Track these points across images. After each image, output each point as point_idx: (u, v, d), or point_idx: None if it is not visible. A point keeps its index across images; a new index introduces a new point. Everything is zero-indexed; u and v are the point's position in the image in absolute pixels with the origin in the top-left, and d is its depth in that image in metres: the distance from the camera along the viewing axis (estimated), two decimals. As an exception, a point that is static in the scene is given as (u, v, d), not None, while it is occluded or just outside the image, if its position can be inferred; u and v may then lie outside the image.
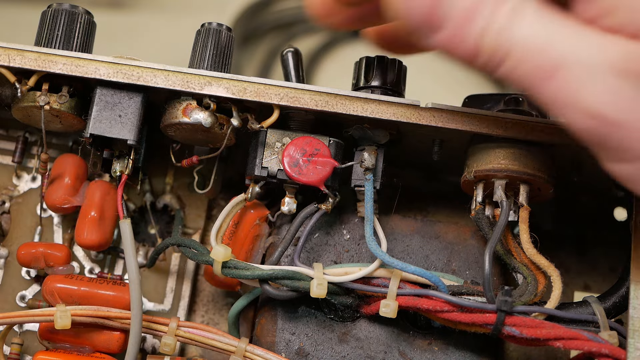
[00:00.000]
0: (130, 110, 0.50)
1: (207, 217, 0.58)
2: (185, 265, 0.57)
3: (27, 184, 0.57)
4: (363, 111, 0.49)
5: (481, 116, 0.49)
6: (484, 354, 0.51)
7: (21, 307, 0.55)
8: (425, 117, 0.49)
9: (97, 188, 0.53)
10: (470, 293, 0.49)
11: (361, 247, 0.52)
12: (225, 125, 0.50)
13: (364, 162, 0.50)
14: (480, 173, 0.50)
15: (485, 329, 0.48)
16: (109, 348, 0.50)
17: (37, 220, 0.56)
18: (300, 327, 0.51)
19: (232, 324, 0.52)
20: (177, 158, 0.53)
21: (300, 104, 0.49)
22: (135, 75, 0.49)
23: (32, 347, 0.54)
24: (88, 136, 0.50)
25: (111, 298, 0.50)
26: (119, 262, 0.57)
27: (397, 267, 0.48)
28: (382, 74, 0.52)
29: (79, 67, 0.49)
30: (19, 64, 0.49)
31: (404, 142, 0.52)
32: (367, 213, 0.50)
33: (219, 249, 0.49)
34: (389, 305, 0.48)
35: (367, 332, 0.51)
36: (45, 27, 0.51)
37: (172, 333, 0.49)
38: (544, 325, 0.47)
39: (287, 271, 0.49)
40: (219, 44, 0.52)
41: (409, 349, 0.51)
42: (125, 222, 0.49)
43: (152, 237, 0.57)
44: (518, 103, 0.52)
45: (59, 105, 0.50)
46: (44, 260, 0.52)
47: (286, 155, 0.50)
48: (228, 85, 0.49)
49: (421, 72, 0.86)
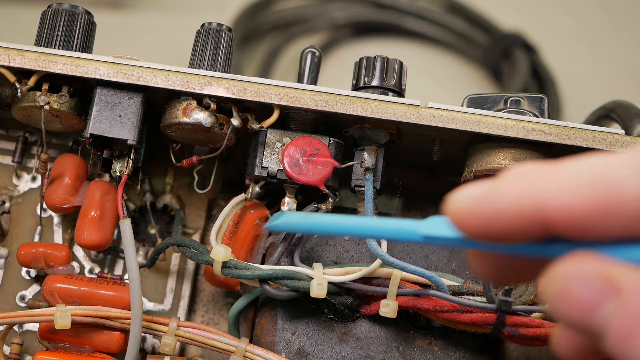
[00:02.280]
0: (130, 110, 0.50)
1: (207, 217, 0.58)
2: (185, 265, 0.57)
3: (27, 184, 0.57)
4: (363, 111, 0.49)
5: (481, 116, 0.49)
6: (484, 354, 0.51)
7: (21, 307, 0.55)
8: (425, 117, 0.49)
9: (97, 188, 0.53)
10: (470, 293, 0.49)
11: (361, 247, 0.52)
12: (225, 125, 0.50)
13: (364, 162, 0.50)
14: (480, 173, 0.50)
15: (485, 329, 0.48)
16: (109, 348, 0.50)
17: (37, 220, 0.56)
18: (300, 327, 0.51)
19: (232, 324, 0.52)
20: (177, 158, 0.53)
21: (300, 104, 0.49)
22: (135, 75, 0.49)
23: (32, 347, 0.54)
24: (88, 136, 0.50)
25: (111, 298, 0.50)
26: (119, 262, 0.57)
27: (397, 267, 0.48)
28: (382, 74, 0.52)
29: (79, 67, 0.49)
30: (19, 64, 0.49)
31: (404, 142, 0.52)
32: (367, 213, 0.50)
33: (219, 249, 0.49)
34: (389, 305, 0.48)
35: (367, 332, 0.51)
36: (45, 27, 0.51)
37: (172, 333, 0.49)
38: (544, 325, 0.47)
39: (287, 271, 0.49)
40: (219, 44, 0.52)
41: (409, 349, 0.51)
42: (125, 222, 0.49)
43: (152, 237, 0.57)
44: (518, 103, 0.52)
45: (59, 105, 0.50)
46: (44, 260, 0.52)
47: (286, 155, 0.50)
48: (228, 85, 0.49)
49: (421, 72, 0.87)
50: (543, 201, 0.29)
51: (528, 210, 0.29)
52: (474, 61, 0.90)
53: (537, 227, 0.30)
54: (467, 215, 0.31)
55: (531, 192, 0.30)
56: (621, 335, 0.28)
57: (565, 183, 0.29)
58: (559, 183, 0.29)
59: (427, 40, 0.91)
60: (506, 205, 0.30)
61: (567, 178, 0.29)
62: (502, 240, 0.31)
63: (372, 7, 0.91)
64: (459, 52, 0.90)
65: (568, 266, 0.30)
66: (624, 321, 0.28)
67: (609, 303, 0.28)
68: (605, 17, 0.93)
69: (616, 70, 0.90)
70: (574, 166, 0.30)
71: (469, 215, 0.31)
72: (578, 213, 0.29)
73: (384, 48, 0.89)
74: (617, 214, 0.28)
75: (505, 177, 0.30)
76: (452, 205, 0.31)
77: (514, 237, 0.30)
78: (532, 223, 0.30)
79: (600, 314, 0.29)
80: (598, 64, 0.90)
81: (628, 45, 0.92)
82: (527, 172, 0.30)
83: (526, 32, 0.87)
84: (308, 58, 0.54)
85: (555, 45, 0.90)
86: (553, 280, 0.30)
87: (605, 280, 0.29)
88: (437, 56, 0.91)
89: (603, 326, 0.29)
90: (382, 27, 0.91)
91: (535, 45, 0.87)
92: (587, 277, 0.29)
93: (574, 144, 0.49)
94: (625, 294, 0.28)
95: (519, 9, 0.93)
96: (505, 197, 0.30)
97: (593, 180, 0.29)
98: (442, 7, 0.93)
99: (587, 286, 0.29)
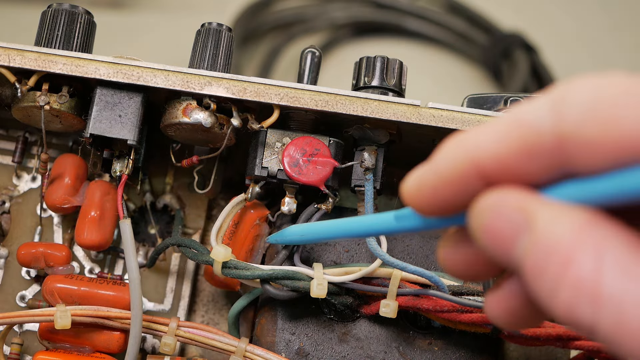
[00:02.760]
0: (130, 110, 0.50)
1: (207, 217, 0.58)
2: (185, 265, 0.57)
3: (27, 184, 0.57)
4: (363, 111, 0.49)
5: (481, 116, 0.49)
6: (484, 354, 0.51)
7: (21, 307, 0.55)
8: (425, 117, 0.49)
9: (97, 188, 0.53)
10: (470, 293, 0.49)
11: (361, 247, 0.52)
12: (225, 125, 0.50)
13: (364, 162, 0.50)
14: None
15: (485, 329, 0.48)
16: (109, 348, 0.50)
17: (37, 220, 0.56)
18: (300, 327, 0.51)
19: (232, 324, 0.52)
20: (177, 158, 0.53)
21: (300, 104, 0.49)
22: (135, 75, 0.49)
23: (32, 347, 0.54)
24: (88, 136, 0.50)
25: (111, 298, 0.50)
26: (119, 262, 0.57)
27: (397, 267, 0.48)
28: (382, 74, 0.52)
29: (79, 67, 0.49)
30: (19, 64, 0.49)
31: (404, 142, 0.52)
32: (367, 213, 0.50)
33: (219, 249, 0.49)
34: (389, 305, 0.48)
35: (367, 332, 0.51)
36: (45, 27, 0.51)
37: (172, 333, 0.49)
38: (544, 325, 0.47)
39: (287, 271, 0.49)
40: (219, 44, 0.52)
41: (409, 349, 0.51)
42: (125, 222, 0.49)
43: (152, 237, 0.57)
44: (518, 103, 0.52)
45: (59, 105, 0.50)
46: (44, 260, 0.52)
47: (286, 155, 0.50)
48: (228, 85, 0.49)
49: (421, 72, 0.87)
50: (474, 155, 0.30)
51: (464, 167, 0.30)
52: (474, 61, 0.90)
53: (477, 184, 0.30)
54: (415, 192, 0.32)
55: (463, 150, 0.30)
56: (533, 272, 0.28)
57: (490, 132, 0.30)
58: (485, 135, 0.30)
59: (427, 40, 0.91)
60: (444, 169, 0.31)
61: (490, 128, 0.30)
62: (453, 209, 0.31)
63: (372, 7, 0.91)
64: (459, 52, 0.90)
65: (489, 198, 0.30)
66: (535, 257, 0.28)
67: (524, 237, 0.28)
68: (605, 17, 0.93)
69: (616, 70, 0.90)
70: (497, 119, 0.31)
71: (417, 192, 0.32)
72: (506, 158, 0.29)
73: (384, 48, 0.89)
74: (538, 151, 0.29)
75: (441, 148, 0.31)
76: (404, 188, 0.32)
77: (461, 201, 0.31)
78: (471, 180, 0.30)
79: (517, 248, 0.28)
80: (598, 64, 0.90)
81: (628, 45, 0.92)
82: (457, 137, 0.31)
83: (526, 32, 0.87)
84: (308, 58, 0.54)
85: (555, 45, 0.90)
86: (476, 214, 0.30)
87: (520, 212, 0.29)
88: (437, 56, 0.91)
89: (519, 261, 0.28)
90: (382, 27, 0.91)
91: (535, 45, 0.87)
92: (504, 209, 0.29)
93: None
94: (537, 229, 0.28)
95: (519, 9, 0.93)
96: (442, 162, 0.31)
97: (511, 123, 0.29)
98: (442, 7, 0.93)
99: (504, 218, 0.29)
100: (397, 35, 0.91)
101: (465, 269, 0.33)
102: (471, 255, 0.33)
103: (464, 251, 0.33)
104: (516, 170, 0.29)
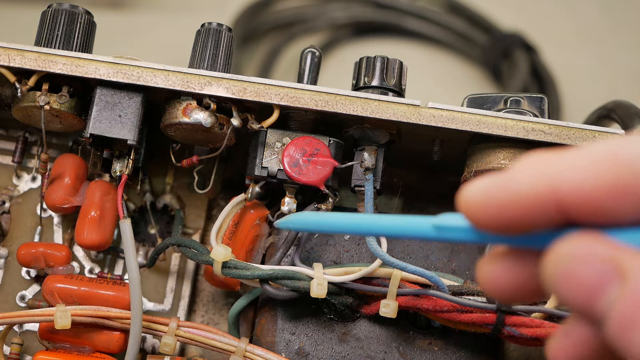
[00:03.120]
0: (130, 110, 0.50)
1: (207, 217, 0.58)
2: (185, 265, 0.57)
3: (27, 184, 0.57)
4: (363, 111, 0.49)
5: (481, 116, 0.49)
6: (484, 354, 0.51)
7: (21, 307, 0.55)
8: (425, 117, 0.49)
9: (97, 188, 0.53)
10: (470, 293, 0.49)
11: (361, 247, 0.52)
12: (225, 125, 0.50)
13: (364, 162, 0.50)
14: (480, 173, 0.50)
15: (485, 329, 0.48)
16: (109, 348, 0.50)
17: (37, 220, 0.56)
18: (300, 327, 0.51)
19: (232, 324, 0.52)
20: (177, 158, 0.53)
21: (300, 104, 0.49)
22: (135, 75, 0.49)
23: (32, 347, 0.54)
24: (88, 136, 0.50)
25: (111, 298, 0.50)
26: (119, 262, 0.57)
27: (397, 267, 0.48)
28: (382, 74, 0.52)
29: (79, 67, 0.49)
30: (19, 64, 0.49)
31: (404, 142, 0.52)
32: (367, 213, 0.50)
33: (219, 249, 0.49)
34: (389, 305, 0.48)
35: (367, 332, 0.51)
36: (45, 27, 0.51)
37: (172, 333, 0.49)
38: (544, 325, 0.47)
39: (287, 271, 0.49)
40: (219, 44, 0.52)
41: (409, 349, 0.51)
42: (125, 222, 0.49)
43: (152, 237, 0.57)
44: (518, 103, 0.52)
45: (59, 105, 0.50)
46: (44, 260, 0.52)
47: (286, 155, 0.50)
48: (228, 85, 0.49)
49: (421, 72, 0.87)
50: (556, 183, 0.28)
51: (541, 193, 0.28)
52: (474, 61, 0.90)
53: (551, 212, 0.29)
54: (480, 205, 0.30)
55: (544, 176, 0.29)
56: (622, 323, 0.27)
57: (578, 163, 0.28)
58: (572, 164, 0.28)
59: (427, 40, 0.91)
60: (519, 191, 0.29)
61: (580, 159, 0.28)
62: (516, 230, 0.30)
63: (372, 7, 0.91)
64: (459, 52, 0.90)
65: (573, 246, 0.28)
66: (626, 308, 0.27)
67: (612, 288, 0.27)
68: (605, 17, 0.93)
69: (616, 70, 0.90)
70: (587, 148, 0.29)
71: (482, 205, 0.30)
72: (592, 193, 0.28)
73: (384, 48, 0.89)
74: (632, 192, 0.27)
75: (517, 165, 0.30)
76: (465, 197, 0.30)
77: (528, 225, 0.29)
78: (546, 208, 0.28)
79: (603, 298, 0.27)
80: (598, 64, 0.90)
81: (628, 46, 0.92)
82: (540, 159, 0.29)
83: (526, 32, 0.87)
84: (308, 58, 0.54)
85: (555, 45, 0.89)
86: (556, 260, 0.29)
87: (610, 263, 0.28)
88: (437, 56, 0.91)
89: (605, 312, 0.27)
90: (382, 27, 0.91)
91: (535, 45, 0.87)
92: (592, 259, 0.28)
93: (574, 144, 0.49)
94: (629, 280, 0.27)
95: (519, 9, 0.93)
96: (518, 182, 0.29)
97: (606, 158, 0.28)
98: (442, 7, 0.93)
99: (592, 268, 0.28)
100: (397, 35, 0.91)
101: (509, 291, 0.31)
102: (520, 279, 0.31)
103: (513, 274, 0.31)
104: (599, 208, 0.28)
